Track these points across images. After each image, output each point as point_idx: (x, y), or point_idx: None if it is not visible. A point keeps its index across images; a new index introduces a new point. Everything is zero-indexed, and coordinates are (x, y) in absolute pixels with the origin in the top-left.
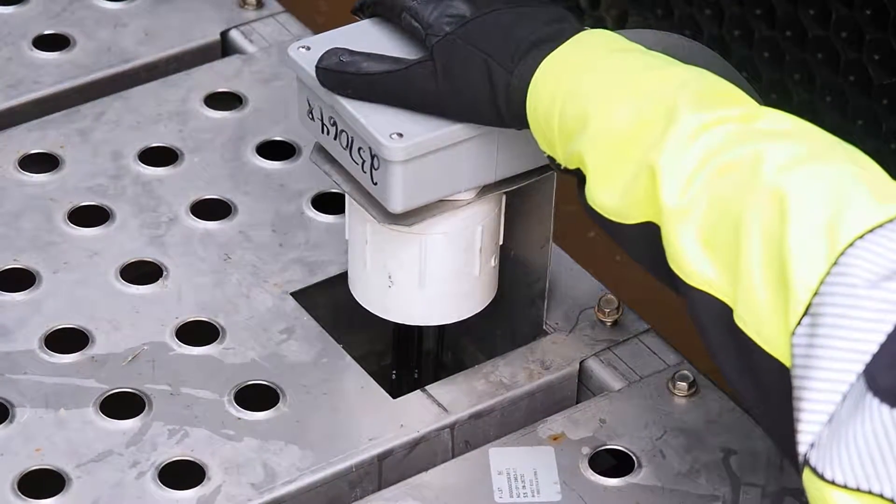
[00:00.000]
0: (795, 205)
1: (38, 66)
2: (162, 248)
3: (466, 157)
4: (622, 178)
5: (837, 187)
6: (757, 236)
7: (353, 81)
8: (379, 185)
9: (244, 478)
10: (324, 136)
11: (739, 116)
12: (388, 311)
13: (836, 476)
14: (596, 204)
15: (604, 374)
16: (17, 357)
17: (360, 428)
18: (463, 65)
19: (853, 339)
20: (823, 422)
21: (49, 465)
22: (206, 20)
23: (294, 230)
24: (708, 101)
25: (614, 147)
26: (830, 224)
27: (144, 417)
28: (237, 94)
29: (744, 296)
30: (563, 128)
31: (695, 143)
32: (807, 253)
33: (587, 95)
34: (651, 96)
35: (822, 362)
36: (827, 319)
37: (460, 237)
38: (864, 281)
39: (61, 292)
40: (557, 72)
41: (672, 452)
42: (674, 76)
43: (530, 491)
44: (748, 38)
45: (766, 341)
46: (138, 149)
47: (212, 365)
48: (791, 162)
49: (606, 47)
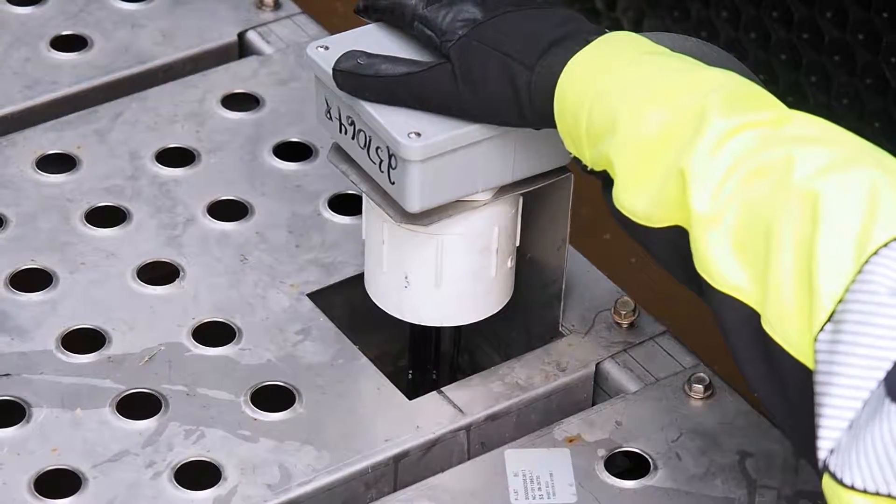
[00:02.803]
0: (827, 211)
1: (55, 66)
2: (178, 249)
3: (484, 157)
4: (651, 183)
5: (869, 194)
6: (789, 242)
7: (371, 84)
8: (396, 184)
9: (260, 478)
10: (341, 135)
11: (769, 120)
12: (404, 311)
13: (855, 481)
14: (624, 207)
15: (620, 376)
16: (34, 357)
17: (376, 429)
18: (482, 65)
19: (874, 347)
20: (844, 428)
21: (65, 465)
22: (224, 21)
23: (310, 231)
24: (738, 105)
25: (644, 151)
26: (860, 232)
27: (161, 418)
28: (254, 95)
29: (773, 301)
30: (591, 129)
31: (725, 148)
32: (834, 260)
33: (616, 97)
34: (681, 100)
35: (843, 369)
36: (849, 326)
37: (477, 238)
38: (887, 289)
39: (78, 293)
40: (585, 72)
41: (688, 455)
42: (704, 80)
43: (546, 493)
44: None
45: (791, 346)
46: (155, 149)
47: (228, 365)
48: (823, 166)
49: (635, 49)
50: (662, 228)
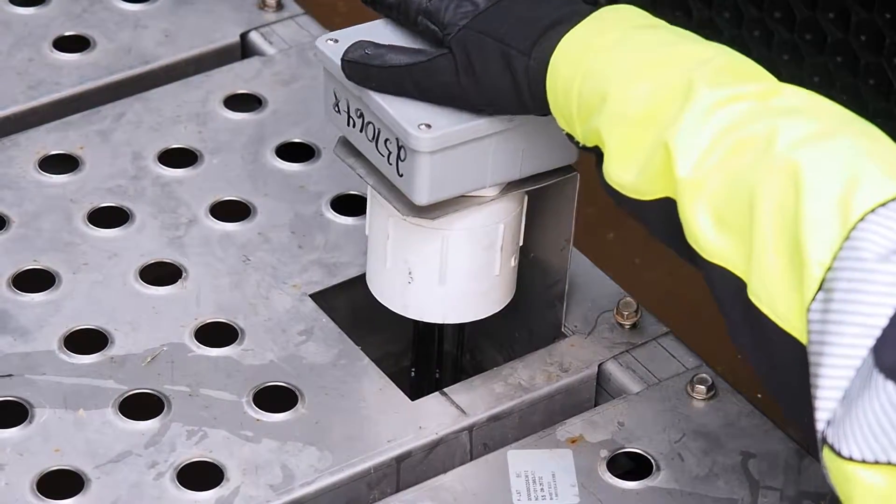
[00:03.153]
0: (809, 180)
1: (58, 67)
2: (181, 250)
3: (492, 151)
4: (639, 155)
5: (851, 162)
6: (770, 212)
7: (378, 74)
8: (405, 176)
9: (263, 479)
10: (349, 128)
11: (757, 93)
12: (407, 308)
13: (853, 452)
14: (613, 181)
15: (622, 376)
16: (37, 357)
17: (379, 430)
18: (481, 55)
19: (864, 314)
20: (838, 398)
21: (68, 466)
22: (226, 22)
23: (313, 232)
24: (726, 77)
25: (632, 124)
26: (843, 199)
27: (163, 418)
28: (257, 95)
29: (757, 271)
30: (581, 105)
31: (710, 120)
32: (820, 228)
33: (606, 72)
34: (669, 73)
35: (835, 338)
36: (839, 294)
37: (482, 234)
38: (875, 255)
39: (81, 293)
40: (576, 49)
41: (690, 456)
42: (694, 53)
43: (548, 493)
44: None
45: (780, 317)
46: (158, 150)
47: (231, 366)
48: (805, 137)
49: (627, 24)
50: (653, 201)
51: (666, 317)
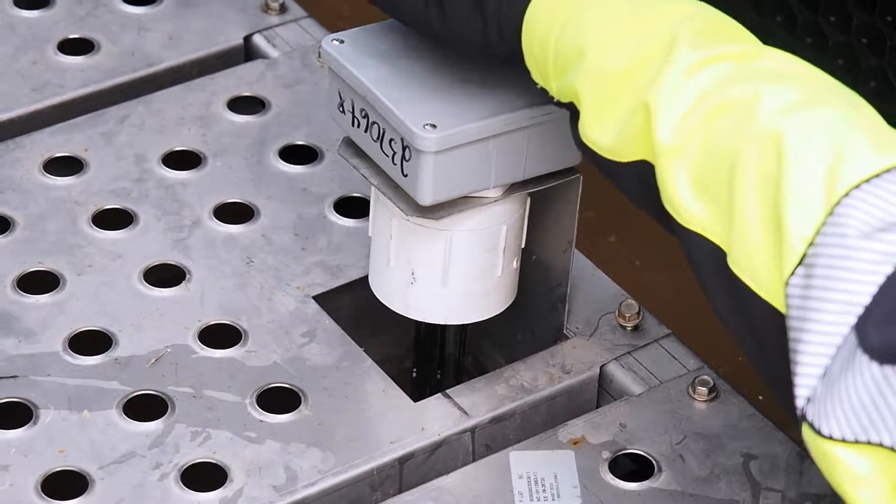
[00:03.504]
0: (793, 150)
1: (62, 69)
2: (185, 252)
3: (497, 152)
4: (617, 115)
5: (836, 134)
6: (752, 180)
7: None
8: (409, 176)
9: (266, 480)
10: (354, 128)
11: (739, 54)
12: (409, 308)
13: (833, 431)
14: (589, 140)
15: (624, 378)
16: (42, 359)
17: (381, 431)
18: None
19: (846, 291)
20: (819, 375)
21: (72, 467)
22: (230, 25)
23: (316, 234)
24: (708, 37)
25: (610, 83)
26: (828, 172)
27: (167, 419)
28: (260, 98)
29: (738, 240)
30: (558, 58)
31: (691, 81)
32: (803, 201)
33: (585, 26)
34: (650, 31)
35: (816, 314)
36: (820, 270)
37: (485, 235)
38: (858, 231)
39: (85, 295)
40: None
41: (692, 457)
42: (676, 11)
43: (550, 495)
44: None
45: (760, 287)
46: (162, 152)
47: (234, 367)
48: (789, 105)
49: None
50: (630, 163)
51: (667, 319)
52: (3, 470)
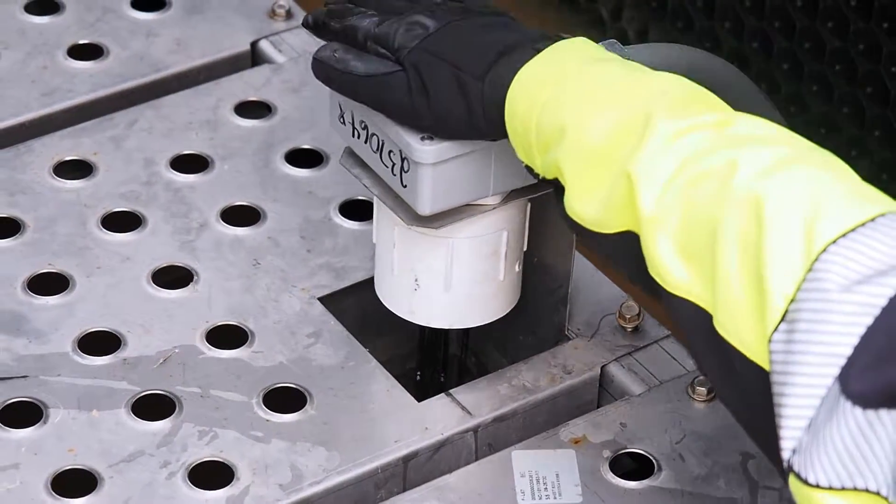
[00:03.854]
0: (771, 211)
1: (72, 74)
2: (193, 254)
3: (494, 161)
4: (600, 188)
5: (812, 192)
6: (733, 243)
7: (338, 78)
8: (408, 187)
9: (272, 478)
10: (354, 139)
11: (714, 122)
12: (414, 313)
13: (819, 479)
14: (575, 214)
15: (625, 378)
16: (52, 359)
17: (386, 430)
18: (434, 77)
19: (828, 344)
20: (804, 427)
21: (82, 465)
22: (237, 30)
23: (322, 236)
24: (684, 108)
25: (592, 157)
26: (806, 230)
27: (175, 419)
28: (266, 102)
29: (722, 302)
30: (540, 138)
31: (670, 150)
32: (783, 260)
33: (564, 105)
34: (628, 105)
35: (799, 368)
36: (802, 325)
37: (486, 242)
38: (837, 285)
39: (94, 296)
40: (534, 82)
41: (691, 456)
42: (649, 85)
43: (552, 493)
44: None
45: (746, 347)
46: (170, 156)
47: (241, 368)
48: (766, 168)
49: (583, 57)
50: (615, 234)
51: (667, 320)
52: (13, 468)
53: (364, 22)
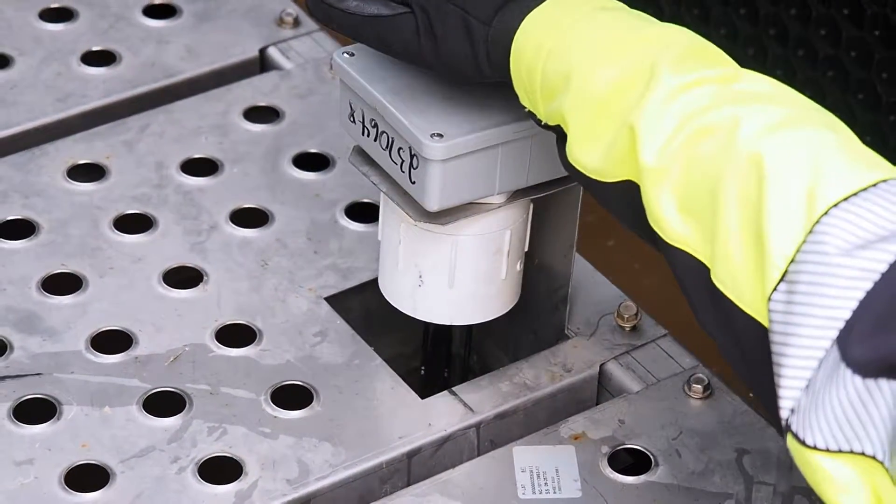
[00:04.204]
0: (773, 170)
1: (85, 80)
2: (202, 255)
3: (501, 160)
4: (603, 138)
5: (815, 154)
6: (734, 200)
7: (339, 18)
8: (417, 183)
9: (280, 473)
10: (364, 137)
11: (719, 77)
12: (417, 310)
13: (817, 441)
14: (577, 162)
15: (623, 376)
16: (65, 357)
17: (390, 427)
18: (441, 19)
19: (827, 307)
20: (802, 387)
21: (94, 460)
22: (246, 38)
23: (328, 238)
24: (689, 61)
25: (596, 106)
26: (808, 192)
27: (185, 415)
28: (275, 108)
29: (721, 258)
30: (545, 84)
31: (673, 104)
32: (784, 220)
33: (570, 53)
34: (633, 56)
35: (798, 329)
36: (802, 287)
37: (490, 240)
38: (838, 249)
39: (107, 296)
40: (541, 28)
41: (687, 452)
42: (657, 36)
43: (552, 488)
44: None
45: (743, 302)
46: (180, 160)
47: (249, 366)
48: (769, 126)
49: (591, 4)
50: (615, 183)
51: (664, 319)
52: (28, 463)
53: None
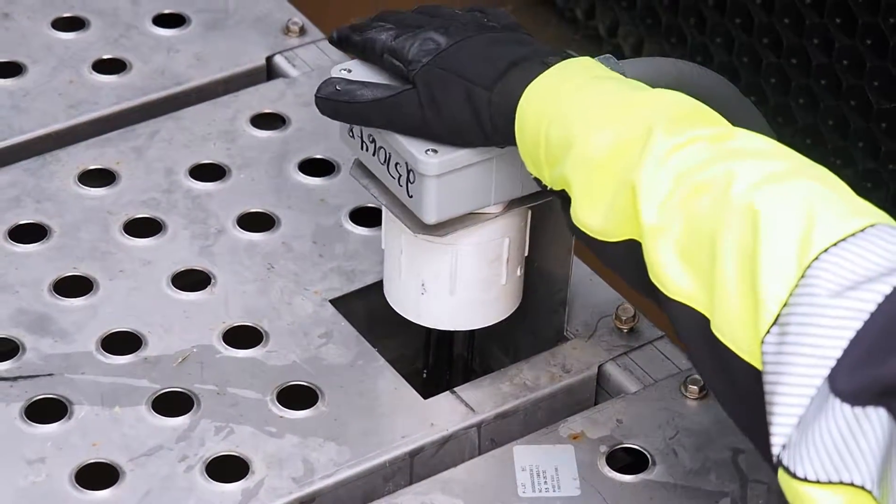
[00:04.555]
0: (767, 220)
1: (96, 88)
2: (210, 258)
3: (495, 172)
4: (604, 200)
5: (807, 204)
6: (730, 251)
7: (346, 110)
8: (414, 197)
9: (285, 472)
10: (363, 152)
11: (712, 136)
12: (421, 316)
13: (807, 473)
14: (581, 224)
15: (620, 377)
16: (76, 358)
17: (394, 426)
18: (444, 90)
19: (817, 346)
20: (794, 424)
21: (104, 459)
22: (253, 46)
23: (333, 241)
24: (683, 122)
25: (596, 169)
26: (800, 239)
27: (193, 415)
28: (281, 115)
29: (720, 307)
30: (548, 152)
31: (670, 163)
32: (778, 266)
33: (571, 120)
34: (630, 121)
35: (789, 368)
36: (793, 328)
37: (489, 248)
38: (827, 291)
39: (117, 298)
40: (542, 98)
41: (684, 451)
42: (652, 101)
43: (551, 486)
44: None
45: (740, 348)
46: (189, 165)
47: (256, 367)
48: (762, 180)
49: (587, 74)
50: (618, 242)
51: (661, 321)
52: (39, 462)
53: (382, 35)
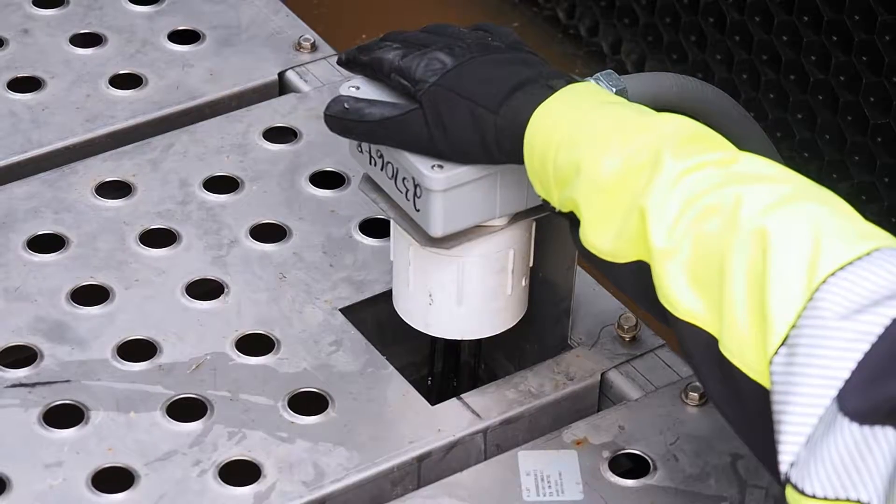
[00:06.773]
0: (776, 243)
1: (113, 102)
2: (223, 268)
3: (500, 186)
4: (614, 222)
5: (815, 227)
6: (740, 272)
7: (355, 127)
8: (421, 211)
9: (296, 476)
10: (371, 167)
11: (719, 160)
12: (429, 326)
13: (815, 490)
14: (590, 245)
15: (623, 384)
16: (93, 365)
17: (402, 432)
18: (450, 111)
19: (826, 367)
20: (802, 443)
21: (120, 464)
22: (265, 62)
23: (343, 252)
24: (689, 147)
25: (606, 193)
26: (808, 262)
27: (206, 421)
28: (292, 128)
29: (729, 327)
30: (557, 175)
31: (679, 187)
32: (786, 289)
33: (579, 145)
34: (638, 145)
35: (798, 388)
36: (802, 349)
37: (494, 260)
38: (835, 314)
39: (132, 307)
40: (550, 121)
41: (684, 456)
42: (659, 126)
43: (555, 490)
44: (755, 81)
45: (749, 367)
46: (203, 177)
47: (268, 373)
48: (771, 203)
49: (595, 99)
50: (626, 263)
51: (662, 330)
52: (57, 466)
53: (389, 55)
